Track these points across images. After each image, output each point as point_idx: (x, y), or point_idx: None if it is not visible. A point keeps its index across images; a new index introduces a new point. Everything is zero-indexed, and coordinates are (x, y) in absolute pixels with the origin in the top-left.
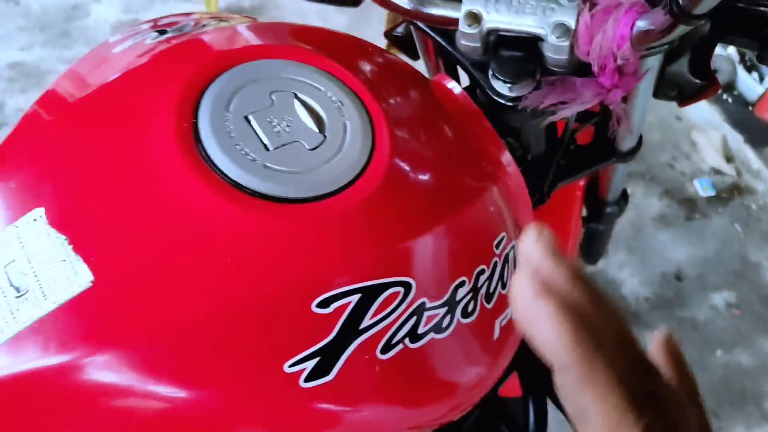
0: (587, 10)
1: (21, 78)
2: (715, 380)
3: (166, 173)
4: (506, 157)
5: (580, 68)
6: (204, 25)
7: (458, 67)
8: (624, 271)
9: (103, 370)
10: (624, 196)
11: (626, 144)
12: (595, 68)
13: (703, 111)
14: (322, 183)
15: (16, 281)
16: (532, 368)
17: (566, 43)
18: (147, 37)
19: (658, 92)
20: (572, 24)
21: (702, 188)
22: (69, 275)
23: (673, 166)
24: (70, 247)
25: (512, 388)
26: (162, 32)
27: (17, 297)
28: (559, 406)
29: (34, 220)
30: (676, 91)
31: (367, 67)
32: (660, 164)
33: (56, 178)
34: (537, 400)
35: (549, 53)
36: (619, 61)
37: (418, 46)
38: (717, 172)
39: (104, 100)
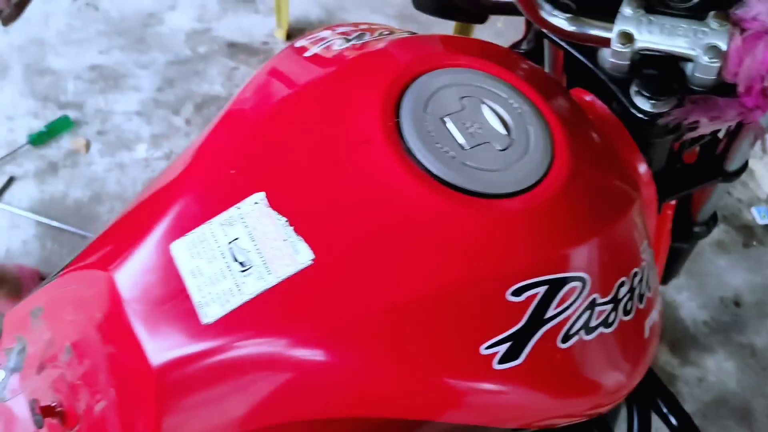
0: (738, 34)
1: (100, 80)
2: None
3: (376, 167)
4: (643, 168)
5: (720, 88)
6: (380, 34)
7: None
8: (682, 294)
9: (318, 344)
10: (713, 218)
11: (734, 164)
12: (741, 89)
13: None
14: (513, 181)
15: (241, 257)
16: None
17: (717, 65)
18: (333, 43)
19: None
20: (724, 46)
21: (760, 216)
22: (291, 253)
23: (731, 192)
24: (291, 228)
25: None
26: (346, 40)
27: (242, 271)
28: (665, 419)
29: (256, 203)
30: None
31: (529, 76)
32: None
33: (274, 165)
34: (641, 410)
35: (697, 73)
36: (766, 83)
37: (547, 61)
38: None
39: (311, 97)
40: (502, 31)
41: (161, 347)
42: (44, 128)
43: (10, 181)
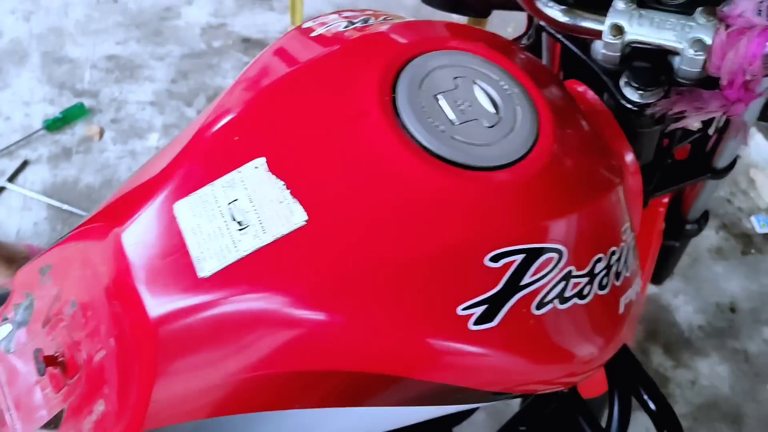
0: (723, 29)
1: (116, 70)
2: (766, 413)
3: (370, 137)
4: (630, 158)
5: (705, 81)
6: (384, 19)
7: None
8: (678, 299)
9: (308, 300)
10: (704, 216)
11: (722, 161)
12: (723, 82)
13: (761, 149)
14: (498, 156)
15: (239, 217)
16: (620, 364)
17: (702, 57)
18: (339, 25)
19: (763, 114)
20: (709, 40)
21: (759, 225)
22: (286, 214)
23: (731, 201)
24: (288, 191)
25: (590, 389)
26: (350, 23)
27: (239, 230)
28: (644, 405)
29: (256, 167)
30: None
31: (523, 64)
32: (718, 198)
33: (275, 133)
34: (622, 396)
35: (683, 66)
36: (748, 77)
37: (544, 53)
38: None
39: (314, 72)
40: (511, 35)
41: (160, 300)
42: (59, 114)
43: (24, 164)
